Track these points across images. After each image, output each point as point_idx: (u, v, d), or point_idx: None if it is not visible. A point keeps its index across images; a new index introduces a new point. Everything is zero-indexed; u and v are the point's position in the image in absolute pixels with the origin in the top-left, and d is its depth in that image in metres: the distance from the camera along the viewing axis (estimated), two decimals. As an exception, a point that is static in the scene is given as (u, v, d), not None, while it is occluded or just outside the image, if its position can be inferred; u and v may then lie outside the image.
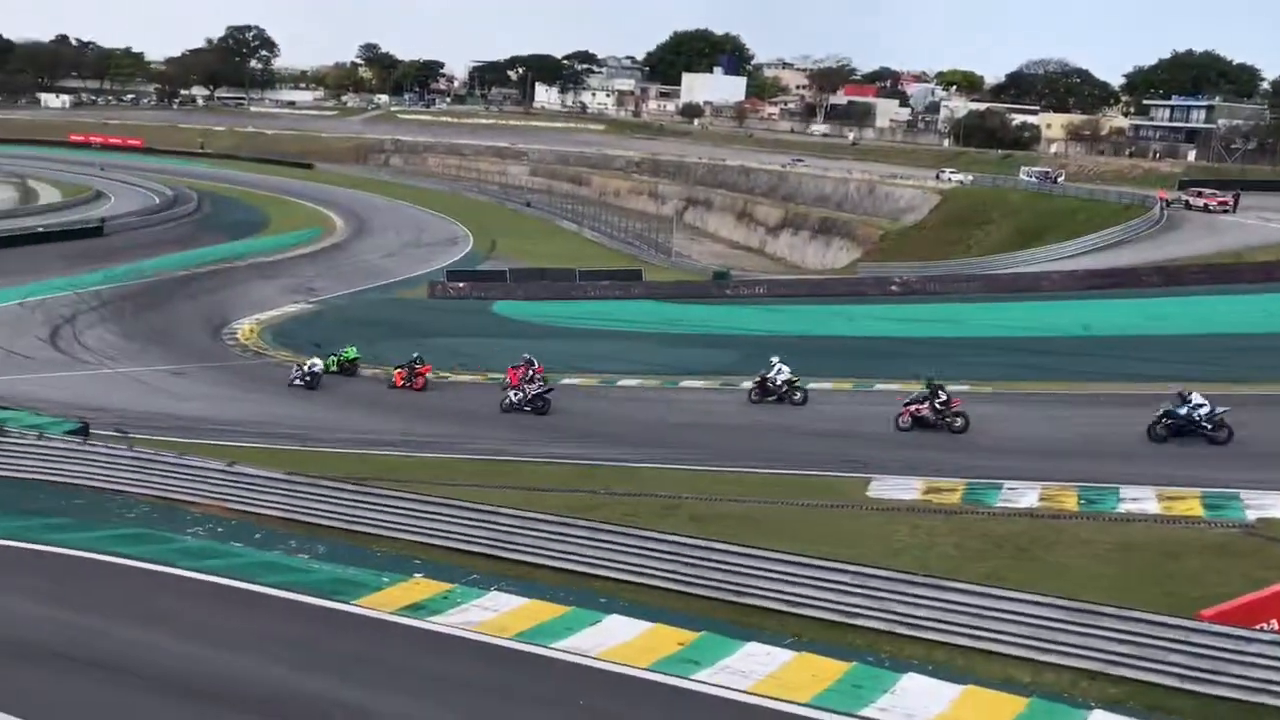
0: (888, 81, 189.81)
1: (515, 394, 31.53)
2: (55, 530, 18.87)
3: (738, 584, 15.65)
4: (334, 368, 36.87)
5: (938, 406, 27.03)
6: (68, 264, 62.46)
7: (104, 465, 22.20)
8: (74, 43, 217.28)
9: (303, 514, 19.61)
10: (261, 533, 19.09)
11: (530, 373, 32.68)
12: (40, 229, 75.58)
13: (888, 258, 74.21)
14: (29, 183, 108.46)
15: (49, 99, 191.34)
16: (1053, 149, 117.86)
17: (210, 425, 29.12)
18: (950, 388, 27.89)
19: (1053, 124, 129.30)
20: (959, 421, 26.98)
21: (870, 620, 14.62)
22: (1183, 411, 24.58)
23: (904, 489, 20.96)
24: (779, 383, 30.97)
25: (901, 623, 14.44)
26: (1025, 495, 20.23)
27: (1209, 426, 24.35)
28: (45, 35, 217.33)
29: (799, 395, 30.94)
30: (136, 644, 14.03)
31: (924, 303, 53.17)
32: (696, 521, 18.74)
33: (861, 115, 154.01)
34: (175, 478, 21.24)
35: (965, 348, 40.26)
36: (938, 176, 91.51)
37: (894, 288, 57.60)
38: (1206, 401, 24.59)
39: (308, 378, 35.42)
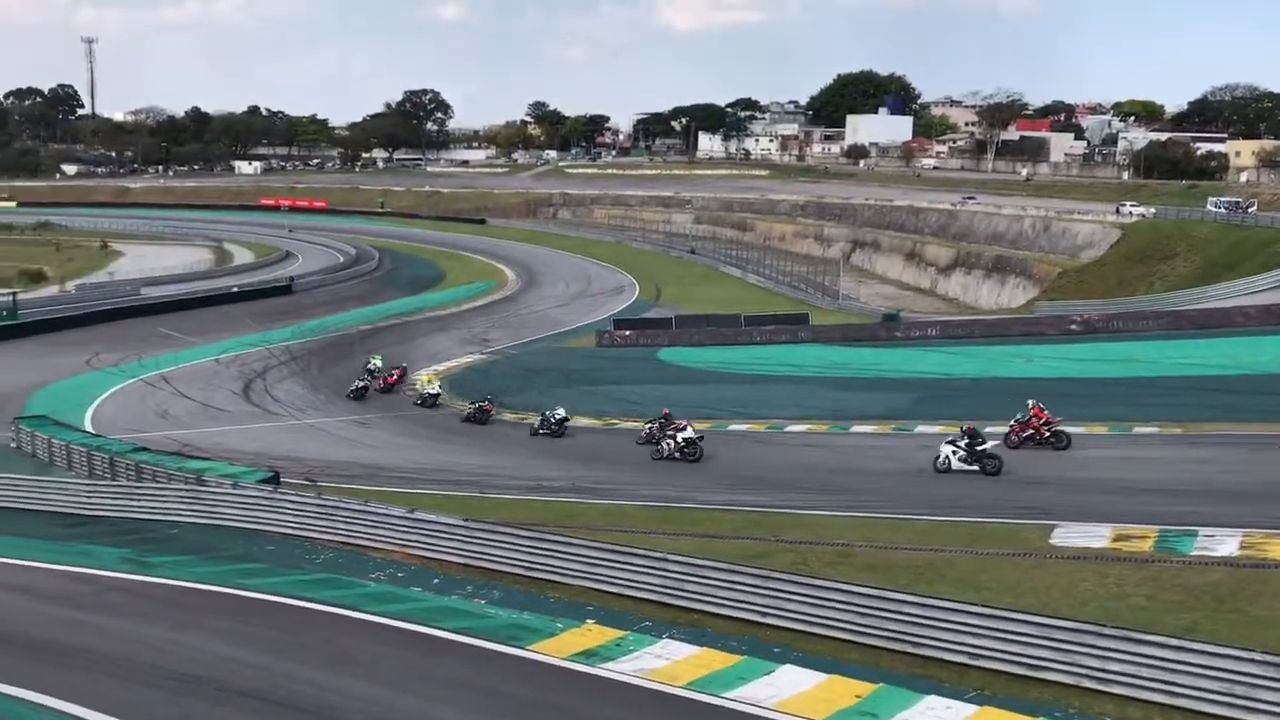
0: (1061, 115, 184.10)
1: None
2: (248, 575, 19.80)
3: (915, 635, 15.17)
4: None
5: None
6: (260, 321, 66.25)
7: (293, 512, 23.21)
8: (264, 113, 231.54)
9: (480, 559, 20.03)
10: (440, 578, 19.58)
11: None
12: (234, 289, 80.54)
13: (1066, 296, 71.58)
14: (224, 245, 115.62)
15: (242, 166, 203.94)
16: (1243, 177, 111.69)
17: (391, 472, 30.20)
18: (1138, 429, 26.82)
19: (1242, 151, 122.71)
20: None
21: (1057, 674, 13.93)
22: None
23: (1090, 536, 19.99)
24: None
25: (1091, 676, 13.70)
26: (1224, 543, 19.00)
27: None
28: (239, 107, 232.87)
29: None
30: (325, 687, 14.51)
31: (1107, 341, 51.02)
32: (870, 570, 18.31)
33: (1035, 150, 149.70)
34: (359, 524, 22.02)
35: (1152, 388, 38.34)
36: (1118, 210, 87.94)
37: (1074, 326, 55.44)
38: None
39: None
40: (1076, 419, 31.18)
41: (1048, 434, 29.13)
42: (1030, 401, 30.09)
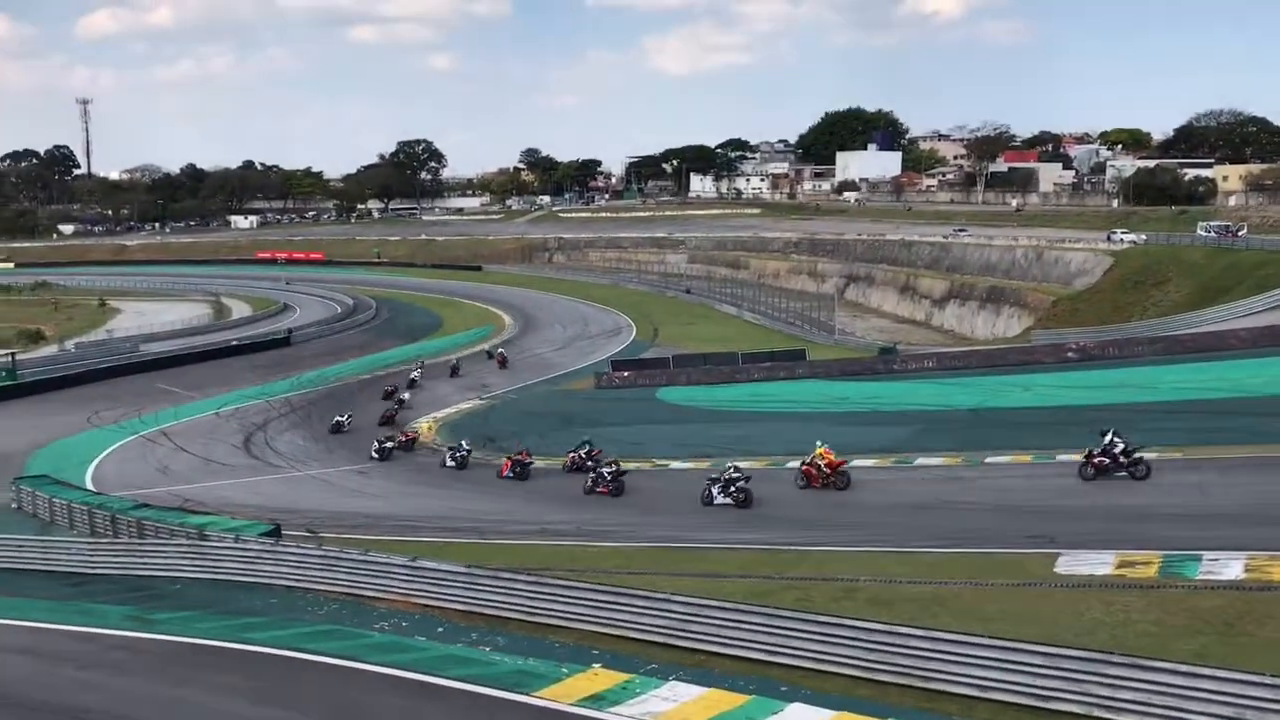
0: (1049, 145, 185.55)
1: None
2: (252, 629, 19.74)
3: (923, 668, 15.11)
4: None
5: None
6: (259, 374, 66.32)
7: (295, 565, 23.17)
8: (259, 167, 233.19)
9: (483, 606, 19.97)
10: (444, 626, 19.52)
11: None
12: (233, 342, 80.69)
13: (1062, 324, 71.82)
14: (222, 299, 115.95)
15: (238, 220, 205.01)
16: (1231, 201, 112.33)
17: (393, 521, 30.14)
18: (1139, 455, 26.77)
19: (1229, 176, 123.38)
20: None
21: (1066, 704, 13.88)
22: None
23: (1095, 564, 19.96)
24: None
25: (1101, 705, 13.65)
26: (1229, 566, 18.98)
27: None
28: (234, 162, 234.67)
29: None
30: (331, 738, 14.46)
31: (1104, 368, 51.08)
32: (876, 604, 18.27)
33: (1024, 181, 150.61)
34: (361, 574, 21.98)
35: (1151, 412, 38.37)
36: (1109, 238, 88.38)
37: (1071, 354, 55.55)
38: None
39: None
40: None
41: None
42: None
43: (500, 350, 72.13)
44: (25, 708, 16.61)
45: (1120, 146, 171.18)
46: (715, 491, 29.82)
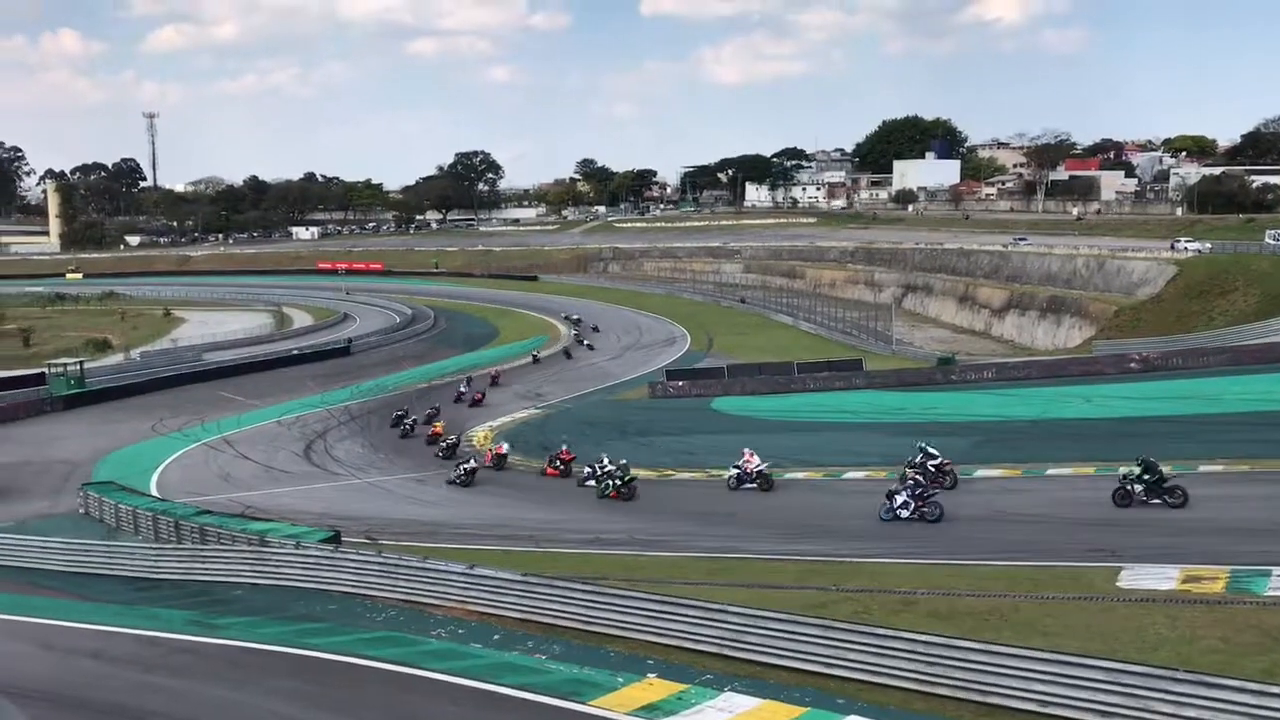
0: (1111, 153, 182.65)
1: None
2: (311, 634, 19.98)
3: (982, 683, 14.92)
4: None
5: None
6: (319, 382, 67.15)
7: (354, 571, 23.42)
8: (320, 179, 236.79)
9: (539, 614, 20.04)
10: (500, 634, 19.61)
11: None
12: (295, 351, 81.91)
13: (1124, 334, 70.65)
14: (284, 309, 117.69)
15: (299, 231, 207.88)
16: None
17: (450, 529, 30.36)
18: (1203, 468, 26.19)
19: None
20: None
21: (1130, 721, 13.63)
22: None
23: (1159, 578, 19.57)
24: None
25: (1166, 724, 13.38)
26: (1299, 583, 18.53)
27: None
28: (295, 174, 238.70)
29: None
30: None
31: (1167, 379, 50.20)
32: (935, 618, 18.06)
33: (1085, 189, 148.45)
34: (419, 582, 22.16)
35: (1216, 425, 37.63)
36: (1173, 247, 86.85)
37: (1133, 365, 54.65)
38: None
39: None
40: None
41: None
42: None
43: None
44: (93, 709, 16.97)
45: (1184, 154, 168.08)
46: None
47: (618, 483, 34.48)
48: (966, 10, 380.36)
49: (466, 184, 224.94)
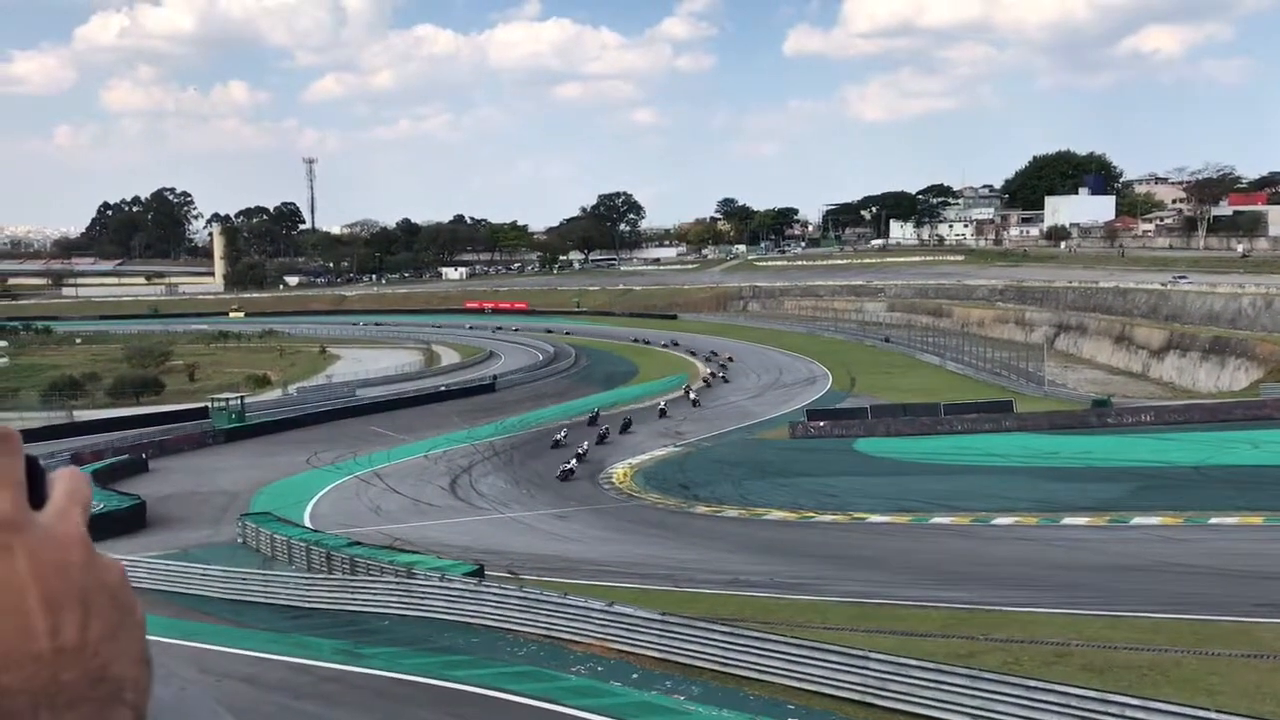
0: (1278, 187, 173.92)
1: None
2: (454, 666, 20.31)
3: (1141, 742, 14.21)
4: None
5: None
6: (465, 418, 68.65)
7: (496, 605, 23.75)
8: (468, 221, 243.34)
9: (677, 654, 19.95)
10: (639, 672, 19.58)
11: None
12: (442, 388, 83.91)
13: (1296, 376, 66.88)
14: (433, 347, 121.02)
15: (448, 272, 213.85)
16: None
17: (590, 565, 30.55)
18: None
19: None
20: None
21: (1307, 791, 12.77)
22: None
23: (1338, 638, 18.36)
24: None
25: (1348, 795, 12.49)
26: None
27: None
28: (445, 216, 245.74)
29: None
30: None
31: (1345, 425, 47.27)
32: (1089, 670, 17.30)
33: (1251, 225, 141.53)
34: (559, 617, 22.31)
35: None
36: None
37: (1306, 409, 51.66)
38: None
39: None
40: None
41: None
42: None
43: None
44: (246, 733, 17.55)
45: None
46: None
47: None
48: (1123, 43, 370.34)
49: (608, 224, 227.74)
